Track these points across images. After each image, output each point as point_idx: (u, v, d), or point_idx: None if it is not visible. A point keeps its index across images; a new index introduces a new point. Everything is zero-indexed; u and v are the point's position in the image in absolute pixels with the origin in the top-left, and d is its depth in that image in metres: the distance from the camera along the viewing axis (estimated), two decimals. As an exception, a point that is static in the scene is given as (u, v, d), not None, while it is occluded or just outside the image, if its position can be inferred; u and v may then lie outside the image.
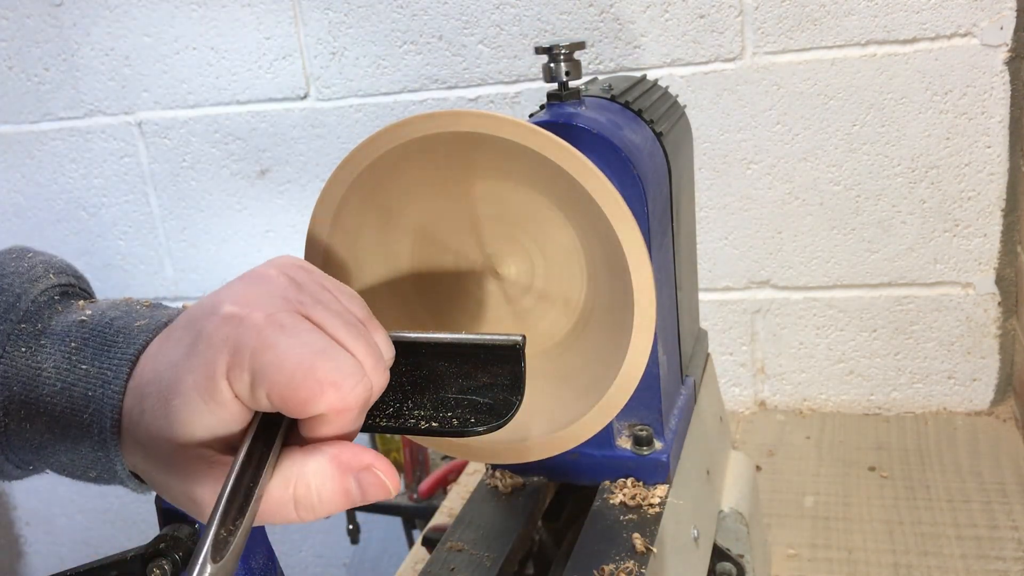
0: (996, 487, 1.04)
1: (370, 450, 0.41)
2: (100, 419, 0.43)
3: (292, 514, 0.40)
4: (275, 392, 0.38)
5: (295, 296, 0.41)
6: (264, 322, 0.39)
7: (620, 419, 0.66)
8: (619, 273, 0.52)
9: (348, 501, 0.41)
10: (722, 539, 0.76)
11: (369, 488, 0.41)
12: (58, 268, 0.51)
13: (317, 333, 0.40)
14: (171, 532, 0.48)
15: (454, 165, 0.55)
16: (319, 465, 0.40)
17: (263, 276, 0.43)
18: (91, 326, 0.46)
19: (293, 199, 1.46)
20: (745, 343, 1.30)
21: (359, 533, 1.52)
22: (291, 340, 0.39)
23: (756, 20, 1.17)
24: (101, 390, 0.43)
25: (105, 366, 0.44)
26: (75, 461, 0.45)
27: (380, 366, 0.42)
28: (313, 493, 0.40)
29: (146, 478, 0.44)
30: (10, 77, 1.51)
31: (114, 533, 1.78)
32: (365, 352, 0.41)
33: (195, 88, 1.44)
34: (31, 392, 0.44)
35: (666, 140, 0.68)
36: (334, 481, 0.40)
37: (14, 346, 0.46)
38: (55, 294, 0.49)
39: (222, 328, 0.40)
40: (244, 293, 0.41)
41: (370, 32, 1.33)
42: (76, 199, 1.56)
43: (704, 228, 1.26)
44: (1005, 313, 1.19)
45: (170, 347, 0.42)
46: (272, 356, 0.38)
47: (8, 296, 0.47)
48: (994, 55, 1.10)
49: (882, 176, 1.18)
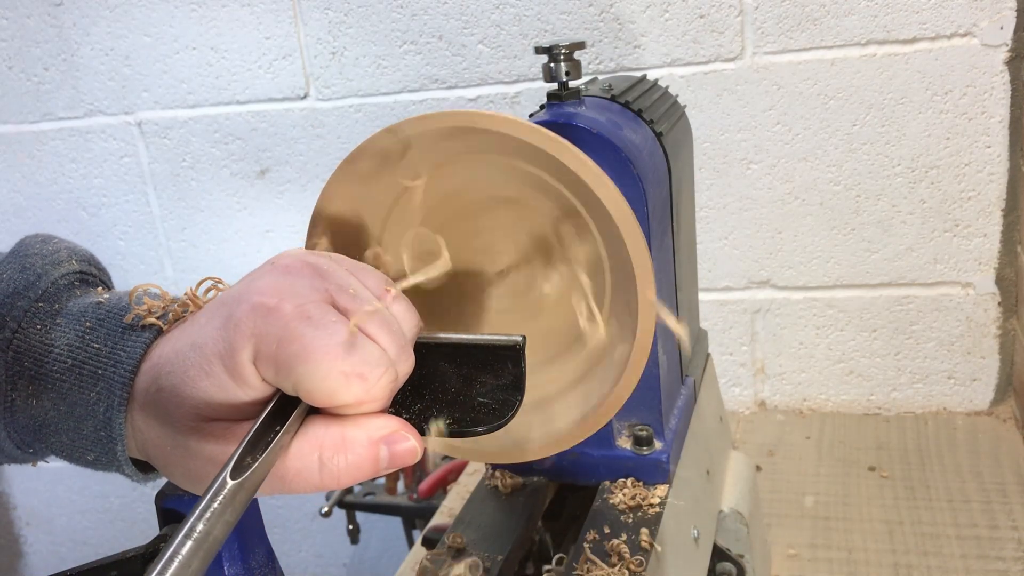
0: (996, 487, 1.04)
1: (395, 416, 0.42)
2: (108, 398, 0.44)
3: (315, 477, 0.40)
4: (301, 384, 0.39)
5: (321, 285, 0.42)
6: (292, 313, 0.39)
7: (620, 419, 0.66)
8: (620, 273, 0.52)
9: (375, 469, 0.41)
10: (722, 539, 0.76)
11: (399, 453, 0.41)
12: (82, 256, 0.52)
13: (343, 324, 0.40)
14: (171, 532, 0.48)
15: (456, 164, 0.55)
16: (348, 431, 0.40)
17: (289, 267, 0.43)
18: (107, 308, 0.46)
19: (293, 199, 1.46)
20: (745, 343, 1.30)
21: (359, 533, 1.52)
22: (317, 332, 0.39)
23: (756, 20, 1.17)
24: (112, 369, 0.44)
25: (118, 346, 0.44)
26: (76, 442, 0.45)
27: (405, 351, 0.42)
28: (341, 458, 0.40)
29: (157, 453, 0.44)
30: (10, 77, 1.51)
31: (114, 533, 1.78)
32: (389, 340, 0.41)
33: (195, 88, 1.44)
34: (41, 368, 0.45)
35: (666, 140, 0.68)
36: (364, 448, 0.40)
37: (29, 323, 0.46)
38: (75, 279, 0.50)
39: (250, 317, 0.40)
40: (273, 284, 0.41)
41: (370, 32, 1.33)
42: (76, 199, 1.56)
43: (704, 228, 1.26)
44: (1005, 313, 1.19)
45: (194, 330, 0.42)
46: (299, 347, 0.39)
47: (29, 275, 0.48)
48: (994, 55, 1.10)
49: (882, 176, 1.18)
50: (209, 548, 0.35)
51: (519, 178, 0.55)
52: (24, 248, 0.51)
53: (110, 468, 0.47)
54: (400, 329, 0.43)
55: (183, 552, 0.34)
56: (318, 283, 0.42)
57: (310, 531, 1.69)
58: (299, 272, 0.42)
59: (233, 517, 0.36)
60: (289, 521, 1.69)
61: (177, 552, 0.34)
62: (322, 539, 1.69)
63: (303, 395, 0.40)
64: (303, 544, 1.71)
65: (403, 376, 0.42)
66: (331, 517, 1.45)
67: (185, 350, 0.42)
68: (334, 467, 0.40)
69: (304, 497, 1.65)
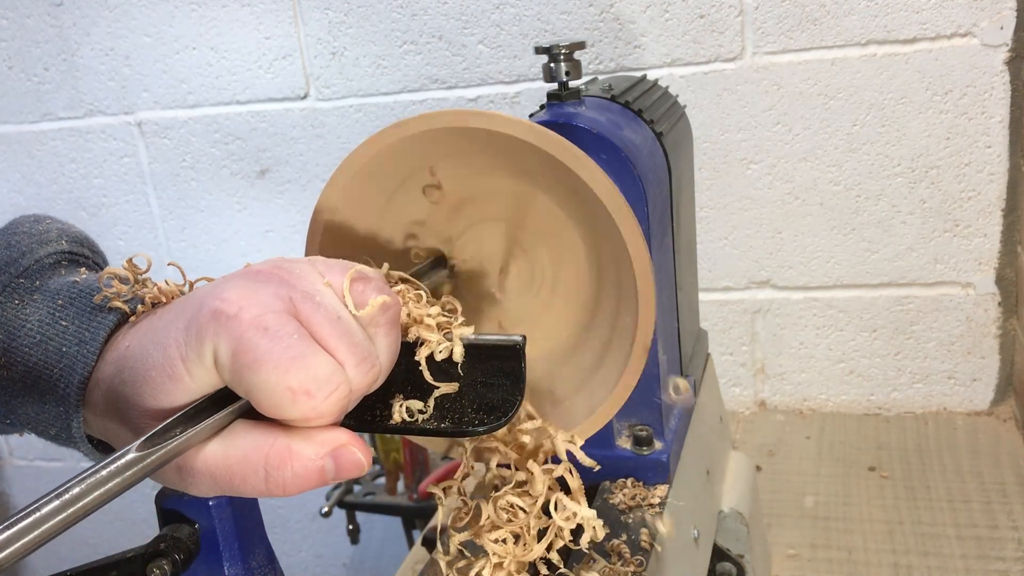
0: (996, 487, 1.04)
1: (343, 428, 0.41)
2: (69, 376, 0.44)
3: (261, 485, 0.40)
4: (251, 394, 0.39)
5: (286, 293, 0.41)
6: (248, 322, 0.39)
7: (620, 419, 0.66)
8: (620, 274, 0.52)
9: (322, 480, 0.40)
10: (722, 539, 0.76)
11: (344, 466, 0.40)
12: (73, 237, 0.53)
13: (298, 336, 0.39)
14: (171, 532, 0.48)
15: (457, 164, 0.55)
16: (295, 444, 0.40)
17: (259, 273, 0.42)
18: (81, 287, 0.47)
19: (293, 199, 1.46)
20: (745, 343, 1.30)
21: (359, 533, 1.52)
22: (271, 344, 0.38)
23: (756, 20, 1.17)
24: (76, 348, 0.45)
25: (84, 326, 0.45)
26: (39, 415, 0.46)
27: (365, 364, 0.41)
28: (287, 468, 0.40)
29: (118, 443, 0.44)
30: (10, 77, 1.51)
31: (114, 533, 1.78)
32: (349, 351, 0.40)
33: (195, 88, 1.44)
34: (13, 342, 0.46)
35: (666, 140, 0.68)
36: (310, 461, 0.40)
37: (8, 298, 0.47)
38: (63, 259, 0.50)
39: (210, 324, 0.40)
40: (236, 290, 0.41)
41: (370, 32, 1.33)
42: (76, 199, 1.56)
43: (704, 228, 1.26)
44: (1005, 313, 1.19)
45: (160, 326, 0.42)
46: (251, 359, 0.38)
47: (13, 252, 0.49)
48: (994, 55, 1.10)
49: (882, 176, 1.18)
50: (77, 512, 0.34)
51: (519, 178, 0.55)
52: (14, 226, 0.52)
53: (69, 444, 0.47)
54: (363, 339, 0.42)
55: (43, 510, 0.33)
56: (283, 291, 0.41)
57: (310, 531, 1.69)
58: (266, 278, 0.42)
59: (119, 487, 0.35)
60: (289, 521, 1.69)
61: (37, 508, 0.33)
62: (322, 539, 1.69)
63: (254, 404, 0.39)
64: (303, 544, 1.71)
65: (361, 389, 0.41)
66: (331, 517, 1.45)
67: (149, 346, 0.42)
68: (279, 477, 0.40)
69: (304, 497, 1.65)
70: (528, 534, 0.49)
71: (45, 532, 0.33)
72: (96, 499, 0.35)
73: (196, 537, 0.48)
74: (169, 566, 0.47)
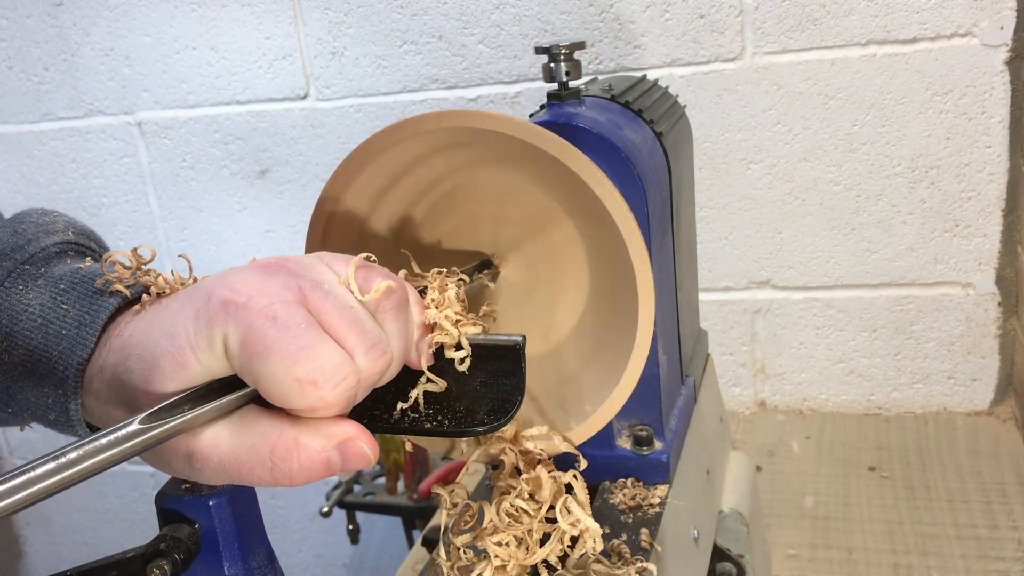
0: (996, 487, 1.04)
1: (351, 420, 0.41)
2: (68, 358, 0.45)
3: (268, 476, 0.40)
4: (259, 383, 0.39)
5: (295, 283, 0.41)
6: (258, 311, 0.39)
7: (620, 419, 0.66)
8: (619, 274, 0.52)
9: (328, 471, 0.41)
10: (722, 539, 0.76)
11: (351, 459, 0.41)
12: (79, 230, 0.53)
13: (306, 326, 0.39)
14: (171, 532, 0.48)
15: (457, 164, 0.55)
16: (302, 435, 0.40)
17: (267, 265, 0.43)
18: (84, 273, 0.48)
19: (293, 199, 1.46)
20: (745, 343, 1.30)
21: (359, 533, 1.52)
22: (280, 333, 0.39)
23: (756, 20, 1.17)
24: (76, 330, 0.45)
25: (85, 309, 0.45)
26: (39, 400, 0.46)
27: (375, 351, 0.41)
28: (293, 460, 0.40)
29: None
30: (10, 77, 1.51)
31: (114, 533, 1.78)
32: (358, 339, 0.40)
33: (195, 88, 1.44)
34: (15, 325, 0.46)
35: (666, 140, 0.68)
36: (316, 452, 0.40)
37: (12, 283, 0.48)
38: (69, 248, 0.51)
39: (219, 312, 0.40)
40: (246, 280, 0.41)
41: (370, 32, 1.33)
42: (76, 199, 1.56)
43: (704, 228, 1.26)
44: (1005, 313, 1.19)
45: (167, 315, 0.42)
46: (260, 348, 0.38)
47: (19, 239, 0.50)
48: (994, 55, 1.10)
49: (882, 176, 1.18)
50: (71, 476, 0.34)
51: (519, 177, 0.55)
52: (22, 216, 0.53)
53: (68, 430, 0.47)
54: (372, 326, 0.42)
55: (37, 471, 0.33)
56: (292, 281, 0.41)
57: (310, 531, 1.69)
58: (274, 270, 0.42)
59: (117, 457, 0.36)
60: (289, 521, 1.69)
61: (32, 468, 0.33)
62: (322, 539, 1.69)
63: (262, 393, 0.40)
64: (303, 544, 1.71)
65: (371, 377, 0.41)
66: (331, 517, 1.45)
67: (156, 335, 0.42)
68: (286, 468, 0.40)
69: (304, 497, 1.66)
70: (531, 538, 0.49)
71: (35, 492, 0.33)
72: (92, 466, 0.35)
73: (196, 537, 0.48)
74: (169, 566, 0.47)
